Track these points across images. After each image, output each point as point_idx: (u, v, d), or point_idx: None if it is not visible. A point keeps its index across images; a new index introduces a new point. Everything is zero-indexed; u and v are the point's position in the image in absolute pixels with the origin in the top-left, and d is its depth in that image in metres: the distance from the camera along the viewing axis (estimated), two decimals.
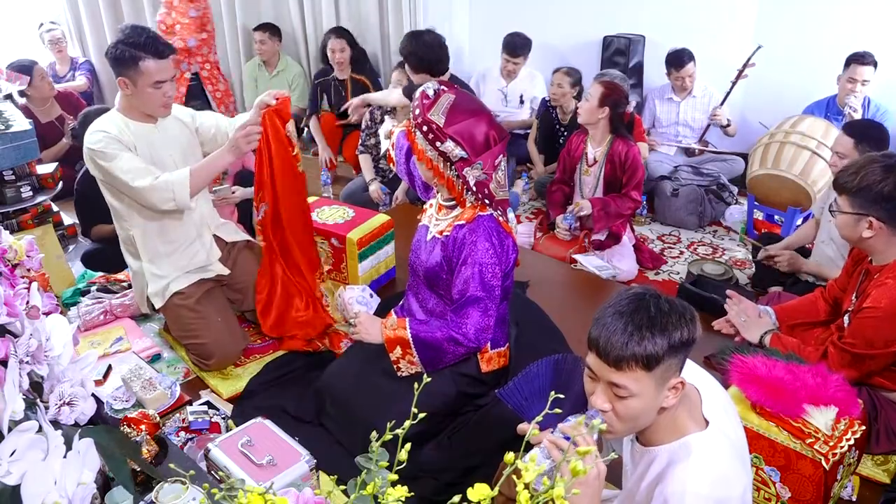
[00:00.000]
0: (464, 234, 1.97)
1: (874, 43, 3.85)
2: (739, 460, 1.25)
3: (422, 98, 1.90)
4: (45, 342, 1.05)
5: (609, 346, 1.17)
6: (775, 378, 1.74)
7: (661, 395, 1.20)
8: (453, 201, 2.04)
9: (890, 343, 1.85)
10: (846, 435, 1.69)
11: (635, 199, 3.33)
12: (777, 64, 4.29)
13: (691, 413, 1.27)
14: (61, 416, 1.05)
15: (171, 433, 2.03)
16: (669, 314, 1.18)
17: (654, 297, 1.20)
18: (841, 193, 1.91)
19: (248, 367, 2.47)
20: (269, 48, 5.15)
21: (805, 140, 3.44)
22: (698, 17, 4.57)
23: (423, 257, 2.10)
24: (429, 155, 1.92)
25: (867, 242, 1.90)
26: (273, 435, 1.73)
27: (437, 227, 2.08)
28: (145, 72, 2.24)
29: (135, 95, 2.30)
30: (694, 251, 3.83)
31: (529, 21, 5.09)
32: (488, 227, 1.97)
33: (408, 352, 2.00)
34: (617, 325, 1.17)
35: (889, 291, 1.84)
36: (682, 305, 1.21)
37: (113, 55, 2.25)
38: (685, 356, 1.22)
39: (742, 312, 2.20)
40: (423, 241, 2.12)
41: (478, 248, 1.94)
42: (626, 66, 4.73)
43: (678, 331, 1.17)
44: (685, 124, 4.44)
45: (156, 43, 2.25)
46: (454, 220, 2.02)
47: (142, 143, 2.34)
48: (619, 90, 3.29)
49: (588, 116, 3.29)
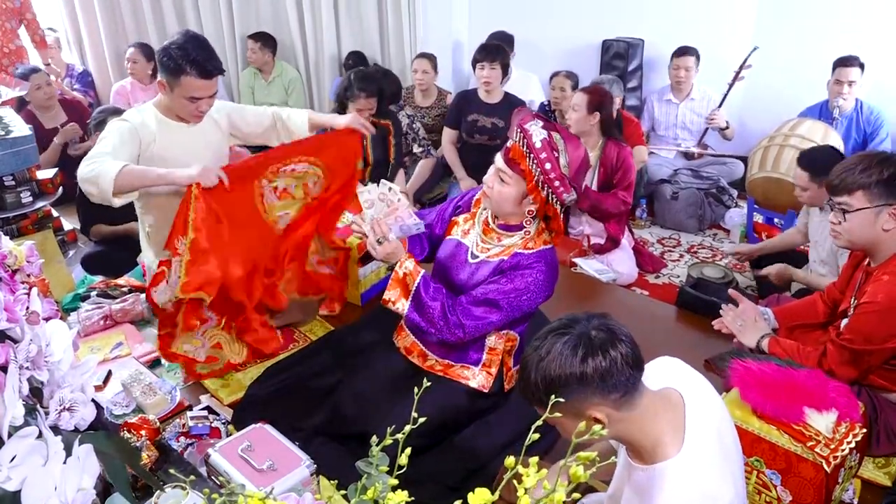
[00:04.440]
0: (529, 260, 1.96)
1: (869, 47, 3.89)
2: (721, 472, 1.23)
3: (540, 156, 1.85)
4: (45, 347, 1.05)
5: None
6: (775, 382, 1.74)
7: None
8: (509, 228, 2.02)
9: (888, 338, 1.85)
10: (847, 438, 1.68)
11: (624, 201, 3.33)
12: (775, 68, 4.31)
13: (673, 426, 1.25)
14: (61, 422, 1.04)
15: (171, 438, 2.03)
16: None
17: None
18: (854, 191, 1.88)
19: (249, 372, 2.47)
20: (259, 57, 5.15)
21: (804, 143, 3.45)
22: (697, 21, 4.59)
23: (464, 277, 2.06)
24: (536, 187, 1.88)
25: (883, 237, 1.88)
26: (273, 440, 1.72)
27: (485, 249, 2.04)
28: (185, 85, 2.22)
29: (170, 100, 2.30)
30: (694, 254, 3.83)
31: (529, 25, 5.11)
32: (552, 261, 1.99)
33: (402, 303, 1.99)
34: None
35: (885, 287, 1.85)
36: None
37: (162, 61, 2.23)
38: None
39: (739, 316, 2.19)
40: (462, 261, 2.08)
41: (535, 275, 1.94)
42: (626, 70, 4.75)
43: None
44: (684, 127, 4.46)
45: (205, 62, 2.20)
46: (512, 247, 1.99)
47: (168, 140, 2.34)
48: (603, 93, 3.32)
49: (579, 126, 3.30)
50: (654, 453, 1.24)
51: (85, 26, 5.75)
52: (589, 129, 3.32)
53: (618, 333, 1.22)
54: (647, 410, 1.24)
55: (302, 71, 5.51)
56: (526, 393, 1.26)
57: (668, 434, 1.24)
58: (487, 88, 4.04)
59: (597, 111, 3.27)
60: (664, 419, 1.25)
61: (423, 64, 4.52)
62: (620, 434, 1.26)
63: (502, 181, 1.93)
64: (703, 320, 2.61)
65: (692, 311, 2.84)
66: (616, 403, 1.21)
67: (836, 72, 3.79)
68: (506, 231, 2.03)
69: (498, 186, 1.94)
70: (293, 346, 2.61)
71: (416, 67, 4.56)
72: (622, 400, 1.21)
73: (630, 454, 1.31)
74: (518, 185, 1.91)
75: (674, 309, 2.95)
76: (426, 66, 4.51)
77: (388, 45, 5.17)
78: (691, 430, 1.25)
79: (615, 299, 3.04)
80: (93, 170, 2.08)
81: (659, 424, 1.25)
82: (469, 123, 4.13)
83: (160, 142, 2.33)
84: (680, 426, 1.25)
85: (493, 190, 1.96)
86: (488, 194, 1.98)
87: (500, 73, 4.01)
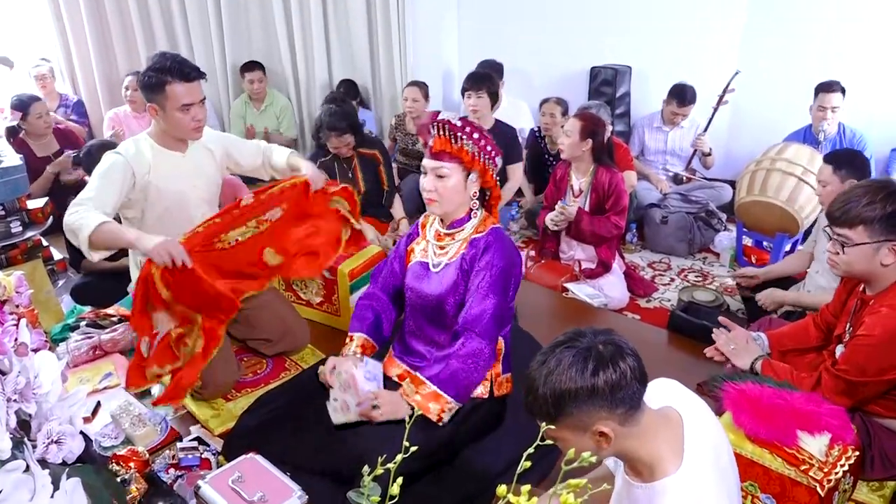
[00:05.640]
0: (486, 241, 2.06)
1: (849, 72, 3.98)
2: (718, 490, 1.23)
3: (466, 131, 2.00)
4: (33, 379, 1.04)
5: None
6: (768, 405, 1.74)
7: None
8: (460, 223, 2.11)
9: (883, 371, 1.84)
10: (840, 461, 1.68)
11: (617, 225, 3.35)
12: (759, 93, 4.38)
13: (672, 444, 1.25)
14: (49, 455, 1.03)
15: (160, 470, 2.00)
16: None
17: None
18: (855, 225, 1.84)
19: (239, 402, 2.45)
20: (261, 87, 5.19)
21: (791, 167, 3.49)
22: (683, 49, 4.67)
23: (429, 290, 2.12)
24: (477, 160, 2.02)
25: (881, 271, 1.86)
26: (264, 470, 1.71)
27: (442, 255, 2.13)
28: (172, 95, 2.27)
29: (165, 121, 2.34)
30: (684, 278, 3.85)
31: (518, 52, 5.18)
32: (504, 234, 2.11)
33: (444, 400, 1.98)
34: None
35: (883, 319, 1.84)
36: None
37: (142, 83, 2.29)
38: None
39: (731, 340, 2.19)
40: (425, 276, 2.15)
41: (505, 246, 2.06)
42: (614, 96, 4.81)
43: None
44: (673, 153, 4.51)
45: (182, 66, 2.28)
46: (465, 239, 2.09)
47: (163, 169, 2.38)
48: (596, 120, 3.35)
49: (572, 151, 3.34)
50: (654, 470, 1.24)
51: (77, 56, 5.78)
52: (581, 155, 3.35)
53: (624, 347, 1.23)
54: (648, 427, 1.25)
55: (293, 99, 5.54)
56: (533, 408, 1.25)
57: (667, 452, 1.24)
58: (476, 116, 4.08)
59: (589, 138, 3.30)
60: (664, 437, 1.26)
61: (413, 92, 4.56)
62: (623, 450, 1.26)
63: (441, 177, 2.02)
64: (694, 344, 2.62)
65: (684, 335, 2.85)
66: (621, 418, 1.21)
67: (819, 97, 3.84)
68: (458, 227, 2.12)
69: (440, 185, 2.02)
70: (284, 375, 2.60)
71: (406, 95, 4.60)
72: (627, 415, 1.22)
73: (629, 472, 1.31)
74: (456, 171, 2.02)
75: (665, 333, 2.96)
76: (417, 95, 4.55)
77: (380, 73, 5.22)
78: (690, 449, 1.25)
79: (607, 324, 3.02)
80: (75, 220, 2.14)
81: (658, 442, 1.25)
82: None
83: (155, 171, 2.37)
84: (679, 444, 1.26)
85: (437, 191, 2.03)
86: (434, 199, 2.05)
87: (489, 101, 4.05)
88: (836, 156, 2.76)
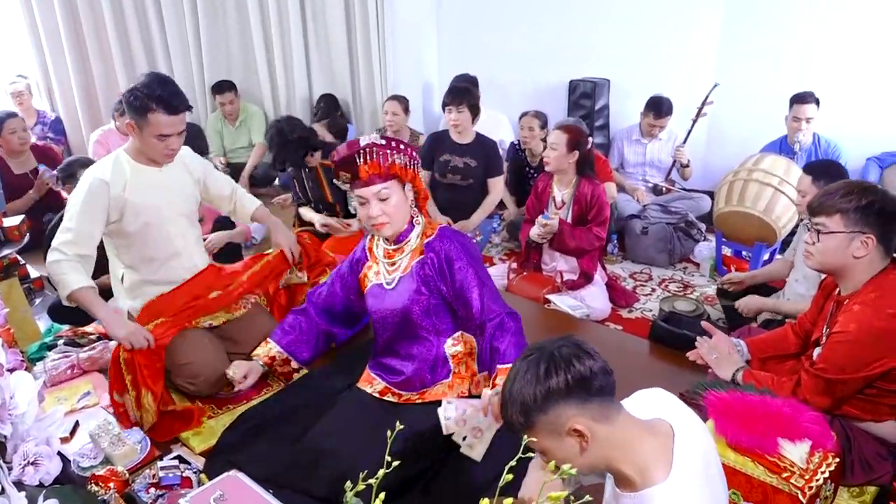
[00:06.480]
0: (442, 245, 2.11)
1: (823, 83, 4.05)
2: (707, 499, 1.24)
3: (391, 146, 2.04)
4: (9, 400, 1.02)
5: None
6: (749, 412, 1.75)
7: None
8: (406, 235, 2.15)
9: (860, 367, 1.88)
10: (821, 468, 1.69)
11: (599, 236, 3.38)
12: (736, 105, 4.45)
13: (660, 454, 1.26)
14: (25, 477, 1.02)
15: (140, 490, 1.97)
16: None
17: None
18: (832, 214, 1.93)
19: (221, 419, 2.42)
20: (234, 107, 5.21)
21: (768, 177, 3.54)
22: (661, 62, 4.73)
23: (392, 306, 2.15)
24: (409, 169, 2.08)
25: (852, 263, 1.92)
26: (246, 488, 1.69)
27: (395, 271, 2.16)
28: (153, 123, 2.26)
29: (139, 140, 2.32)
30: (665, 288, 3.88)
31: (497, 66, 5.22)
32: (450, 231, 2.17)
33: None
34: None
35: (857, 316, 1.88)
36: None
37: (127, 100, 2.27)
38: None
39: (714, 348, 2.22)
40: (383, 295, 2.19)
41: (465, 245, 2.12)
42: (592, 109, 4.86)
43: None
44: (652, 165, 4.56)
45: (171, 98, 2.25)
46: (416, 248, 2.13)
47: (141, 185, 2.37)
48: (580, 131, 3.38)
49: (558, 164, 3.36)
50: (642, 479, 1.24)
51: (55, 74, 5.74)
52: (566, 168, 3.37)
53: (583, 347, 1.26)
54: (632, 435, 1.26)
55: (272, 114, 5.53)
56: (510, 425, 1.29)
57: (654, 461, 1.25)
58: (457, 130, 4.10)
59: (576, 150, 3.32)
60: (650, 446, 1.26)
61: (393, 106, 4.58)
62: (607, 459, 1.26)
63: (384, 200, 2.05)
64: (676, 354, 2.63)
65: (665, 345, 2.86)
66: (594, 414, 1.23)
67: (794, 108, 3.92)
68: (404, 240, 2.15)
69: (386, 207, 2.06)
70: (266, 391, 2.57)
71: (387, 109, 4.61)
72: (599, 411, 1.23)
73: (617, 484, 1.31)
74: (395, 187, 2.06)
75: (647, 343, 2.97)
76: (397, 108, 4.57)
77: (360, 87, 5.23)
78: (679, 458, 1.26)
79: (589, 335, 3.05)
80: (56, 273, 2.26)
81: (645, 451, 1.26)
82: (442, 164, 4.18)
83: (132, 187, 2.37)
84: (668, 454, 1.26)
85: (385, 213, 2.06)
86: (385, 222, 2.08)
87: (469, 114, 4.08)
88: (816, 166, 2.84)
